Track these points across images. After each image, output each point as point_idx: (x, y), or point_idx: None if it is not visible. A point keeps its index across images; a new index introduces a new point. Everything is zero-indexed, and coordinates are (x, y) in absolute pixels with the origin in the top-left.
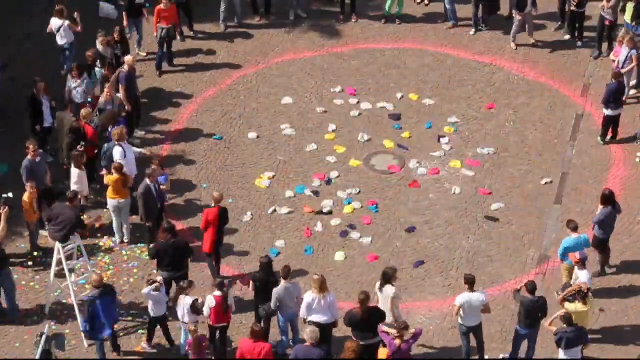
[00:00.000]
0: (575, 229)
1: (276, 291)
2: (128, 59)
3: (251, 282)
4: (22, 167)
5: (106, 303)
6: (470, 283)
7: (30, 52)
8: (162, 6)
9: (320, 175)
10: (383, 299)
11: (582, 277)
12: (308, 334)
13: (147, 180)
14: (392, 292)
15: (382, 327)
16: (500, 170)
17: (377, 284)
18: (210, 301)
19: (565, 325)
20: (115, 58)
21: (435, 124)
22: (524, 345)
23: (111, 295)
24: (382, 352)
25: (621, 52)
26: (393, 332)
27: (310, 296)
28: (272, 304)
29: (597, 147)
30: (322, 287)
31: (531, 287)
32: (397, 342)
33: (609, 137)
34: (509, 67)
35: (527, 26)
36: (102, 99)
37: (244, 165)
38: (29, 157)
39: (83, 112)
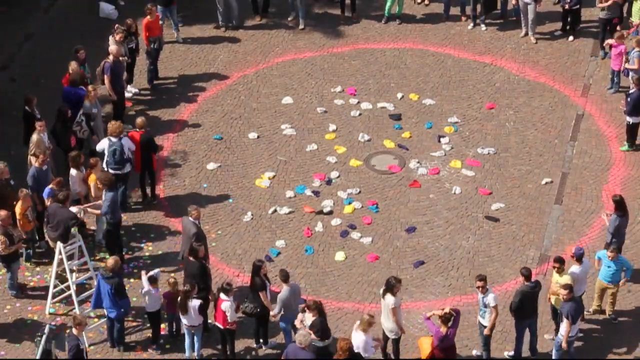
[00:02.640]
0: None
1: (281, 296)
2: (112, 49)
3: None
4: (28, 175)
5: (106, 288)
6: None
7: (30, 52)
8: (149, 17)
9: (320, 175)
10: (384, 306)
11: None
12: (299, 336)
13: (191, 218)
14: (392, 303)
15: (427, 314)
16: (501, 170)
17: (382, 290)
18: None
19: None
20: (130, 52)
21: (435, 124)
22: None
23: (111, 285)
24: (425, 341)
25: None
26: (437, 312)
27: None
28: (277, 309)
29: (597, 147)
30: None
31: (526, 273)
32: (443, 329)
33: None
34: (509, 67)
35: (529, 25)
36: (86, 103)
37: (244, 165)
38: (36, 164)
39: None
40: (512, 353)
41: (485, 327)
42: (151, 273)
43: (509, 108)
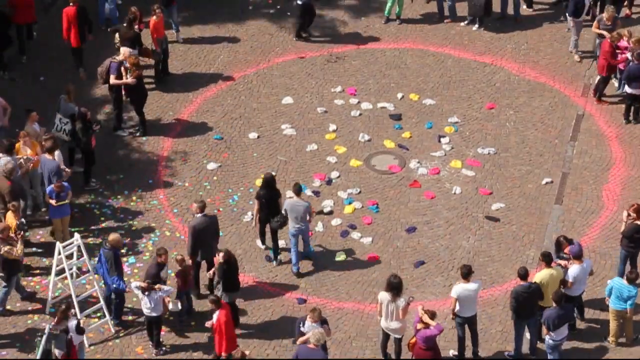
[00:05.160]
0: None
1: (285, 203)
2: (124, 50)
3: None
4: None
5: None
6: (465, 274)
7: (30, 51)
8: (154, 18)
9: (320, 175)
10: (395, 308)
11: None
12: (313, 336)
13: (199, 215)
14: (404, 301)
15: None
16: (501, 170)
17: (389, 296)
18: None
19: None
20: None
21: (435, 124)
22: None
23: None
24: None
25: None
26: (421, 312)
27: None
28: (283, 211)
29: (597, 147)
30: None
31: (522, 272)
32: (419, 325)
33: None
34: (509, 67)
35: (576, 42)
36: (71, 103)
37: (244, 165)
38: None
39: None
40: (512, 353)
41: None
42: (163, 290)
43: (509, 108)
